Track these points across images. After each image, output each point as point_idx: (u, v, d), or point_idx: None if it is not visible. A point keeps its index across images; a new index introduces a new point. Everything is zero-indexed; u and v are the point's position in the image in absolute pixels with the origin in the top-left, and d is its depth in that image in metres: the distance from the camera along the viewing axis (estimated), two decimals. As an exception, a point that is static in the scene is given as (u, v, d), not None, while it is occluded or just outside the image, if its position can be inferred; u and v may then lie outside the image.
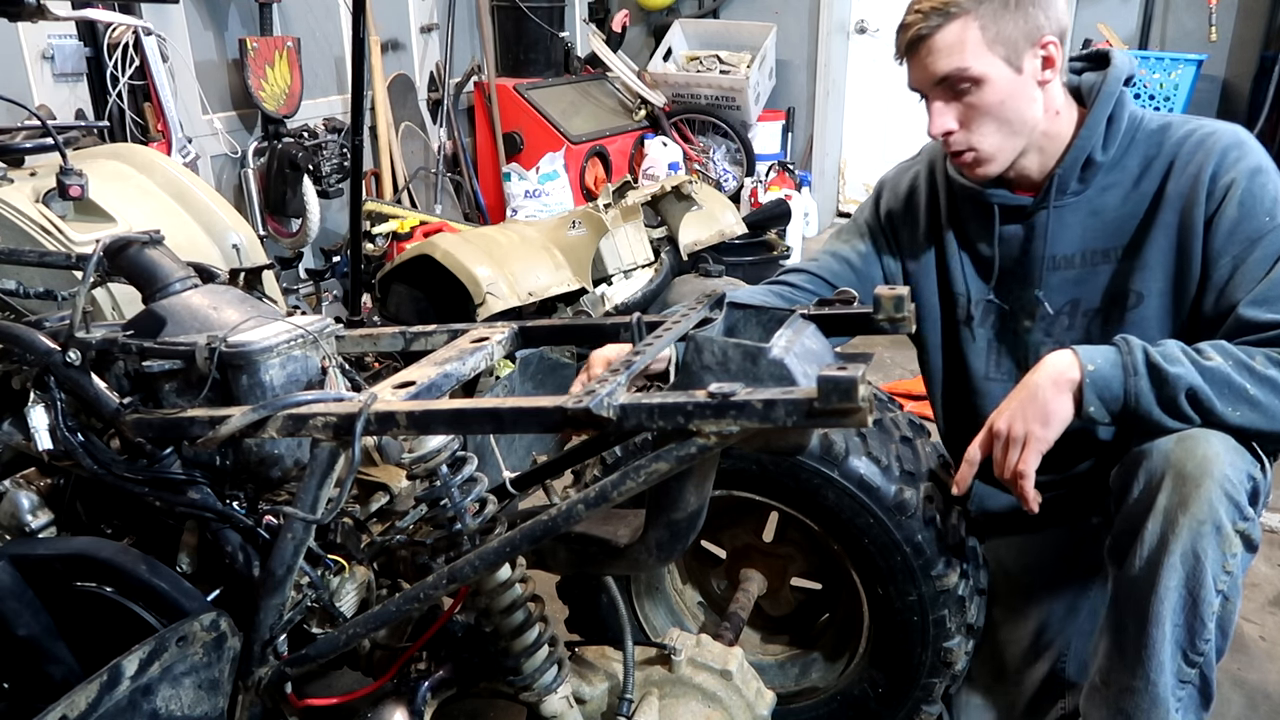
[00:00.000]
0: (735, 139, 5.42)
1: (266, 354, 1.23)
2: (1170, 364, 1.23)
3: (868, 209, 1.72)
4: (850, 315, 1.29)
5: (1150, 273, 1.43)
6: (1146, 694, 1.26)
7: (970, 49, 1.36)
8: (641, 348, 1.16)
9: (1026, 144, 1.45)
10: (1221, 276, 1.35)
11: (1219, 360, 1.24)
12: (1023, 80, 1.39)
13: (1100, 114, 1.43)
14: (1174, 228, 1.41)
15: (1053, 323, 1.53)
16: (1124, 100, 1.45)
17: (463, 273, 3.10)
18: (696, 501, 1.18)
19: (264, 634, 1.18)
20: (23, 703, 1.21)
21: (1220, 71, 4.56)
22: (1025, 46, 1.38)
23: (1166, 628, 1.23)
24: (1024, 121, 1.42)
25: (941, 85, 1.41)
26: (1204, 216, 1.37)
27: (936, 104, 1.43)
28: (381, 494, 1.45)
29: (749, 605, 1.67)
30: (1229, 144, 1.38)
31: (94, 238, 1.98)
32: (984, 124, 1.41)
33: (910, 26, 1.40)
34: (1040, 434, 1.27)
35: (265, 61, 3.73)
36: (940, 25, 1.37)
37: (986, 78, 1.38)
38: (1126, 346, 1.27)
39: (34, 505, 1.33)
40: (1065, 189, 1.47)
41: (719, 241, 4.02)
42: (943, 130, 1.43)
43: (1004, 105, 1.40)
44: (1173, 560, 1.21)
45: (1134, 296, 1.45)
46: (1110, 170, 1.46)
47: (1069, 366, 1.27)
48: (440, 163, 4.79)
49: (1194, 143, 1.40)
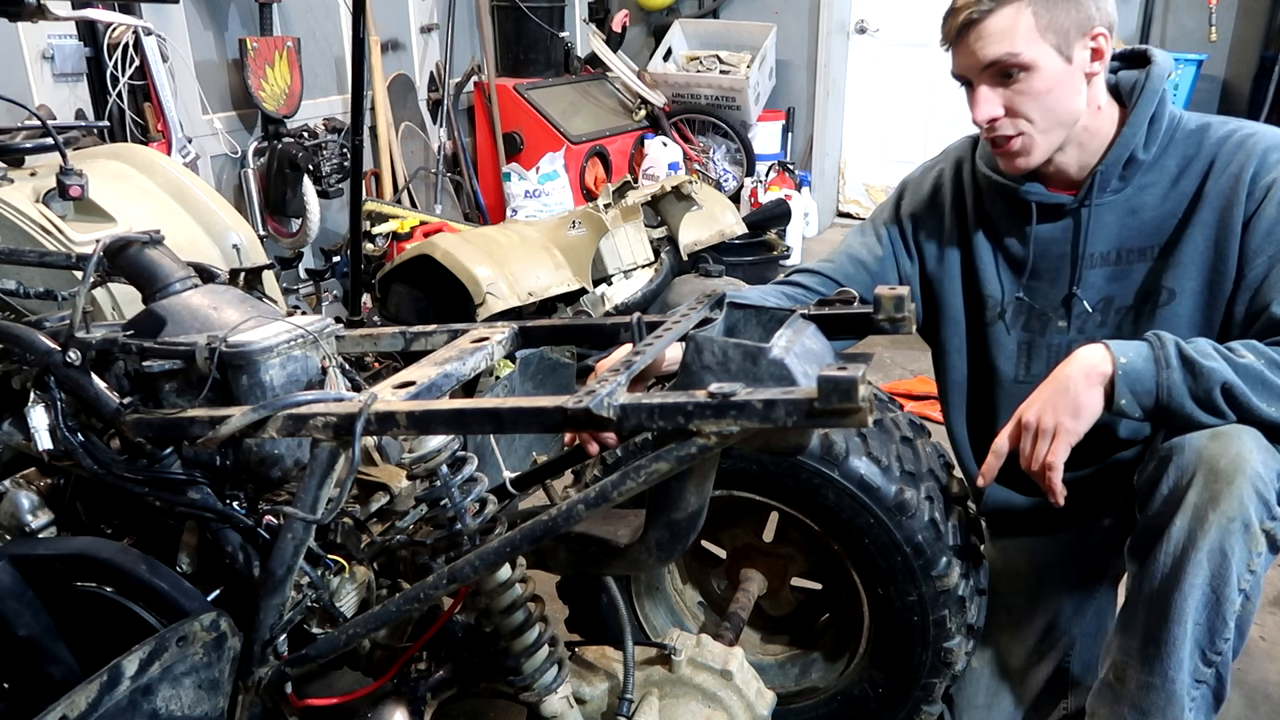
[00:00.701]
0: (735, 139, 5.42)
1: (266, 354, 1.23)
2: (1204, 358, 1.23)
3: (887, 209, 1.70)
4: (850, 315, 1.29)
5: (1185, 270, 1.43)
6: (1163, 691, 1.26)
7: (1022, 35, 1.34)
8: (641, 348, 1.16)
9: (1067, 137, 1.43)
10: (1257, 276, 1.35)
11: (1251, 358, 1.23)
12: (1071, 70, 1.38)
13: (1144, 111, 1.42)
14: (1212, 227, 1.40)
15: (1086, 320, 1.52)
16: (1165, 99, 1.44)
17: (463, 273, 3.10)
18: (696, 501, 1.18)
19: (264, 634, 1.18)
20: (23, 703, 1.21)
21: (1220, 71, 4.57)
22: (1076, 36, 1.36)
23: (1188, 625, 1.23)
24: (1069, 112, 1.40)
25: (989, 71, 1.39)
26: (1243, 217, 1.37)
27: (982, 89, 1.41)
28: (381, 494, 1.45)
29: (749, 605, 1.67)
30: (1271, 145, 1.38)
31: (94, 238, 1.98)
32: (1030, 112, 1.39)
33: (961, 10, 1.38)
34: (1071, 426, 1.26)
35: (265, 61, 3.73)
36: (993, 9, 1.35)
37: (1036, 65, 1.36)
38: (1159, 341, 1.26)
39: (34, 505, 1.33)
40: (1106, 186, 1.46)
41: (719, 241, 4.03)
42: (988, 116, 1.41)
43: (1051, 94, 1.38)
44: (1199, 557, 1.20)
45: (1166, 294, 1.45)
46: (1150, 169, 1.45)
47: (1101, 359, 1.26)
48: (440, 163, 4.79)
49: (1235, 143, 1.40)
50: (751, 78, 5.16)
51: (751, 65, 5.22)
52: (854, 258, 1.67)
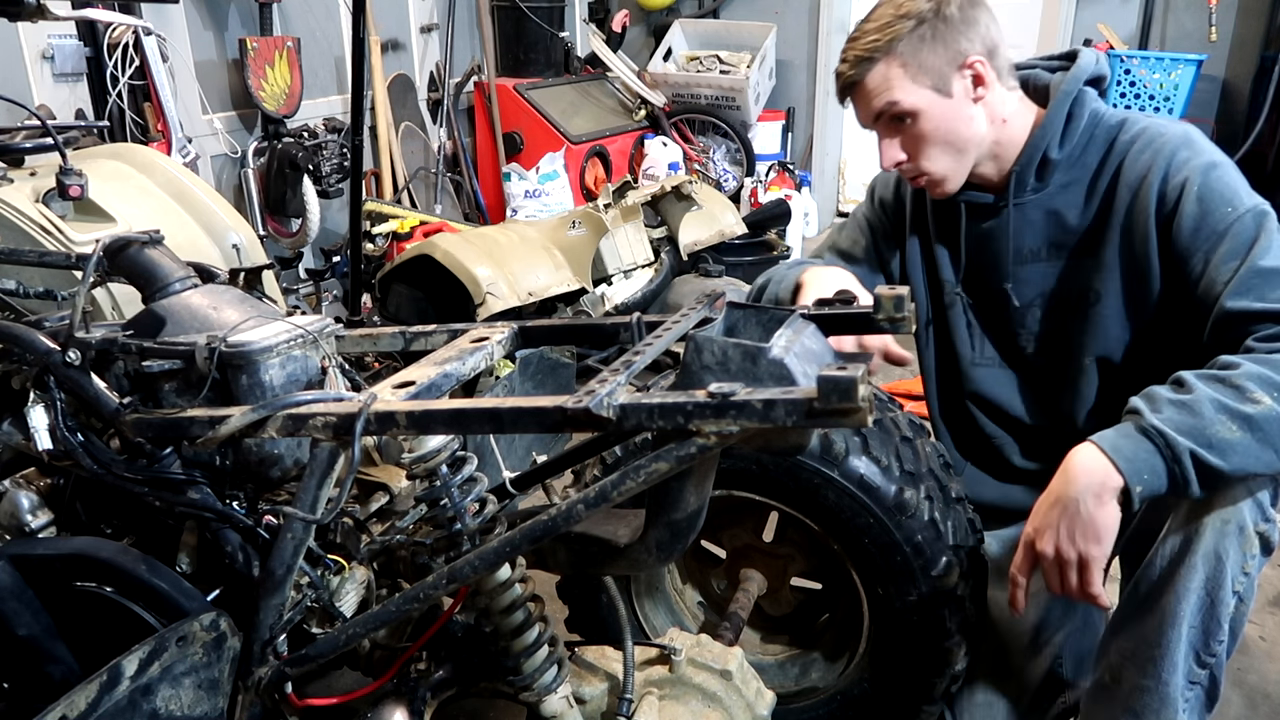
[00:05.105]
0: (735, 139, 5.42)
1: (266, 354, 1.23)
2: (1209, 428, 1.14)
3: (865, 204, 1.80)
4: (850, 315, 1.29)
5: (1107, 272, 1.46)
6: (1157, 694, 1.26)
7: (897, 85, 1.43)
8: (641, 347, 1.16)
9: (977, 156, 1.50)
10: (1196, 273, 1.35)
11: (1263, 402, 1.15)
12: (955, 103, 1.45)
13: (1056, 113, 1.47)
14: (1125, 229, 1.43)
15: (1025, 314, 1.58)
16: (1083, 99, 1.48)
17: (463, 273, 3.10)
18: (696, 501, 1.18)
19: (264, 634, 1.18)
20: (23, 703, 1.20)
21: (1220, 71, 4.56)
22: (951, 71, 1.44)
23: (1183, 629, 1.23)
24: (967, 139, 1.47)
25: (880, 122, 1.49)
26: (1155, 220, 1.39)
27: (883, 140, 1.50)
28: (381, 494, 1.45)
29: (749, 605, 1.67)
30: (1177, 145, 1.39)
31: (94, 238, 1.98)
32: (929, 150, 1.48)
33: (841, 75, 1.49)
34: (1096, 553, 1.19)
35: (265, 61, 3.73)
36: (866, 70, 1.45)
37: (918, 108, 1.44)
38: (1155, 431, 1.17)
39: (34, 505, 1.33)
40: (1025, 187, 1.52)
41: (719, 241, 4.03)
42: (893, 162, 1.50)
43: (942, 130, 1.46)
44: (1194, 560, 1.20)
45: (1094, 294, 1.49)
46: (1070, 168, 1.49)
47: (1105, 473, 1.17)
48: (440, 163, 4.79)
49: (1142, 143, 1.42)
50: (751, 78, 5.15)
51: (751, 65, 5.22)
52: (842, 251, 1.77)
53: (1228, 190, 1.34)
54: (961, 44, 1.43)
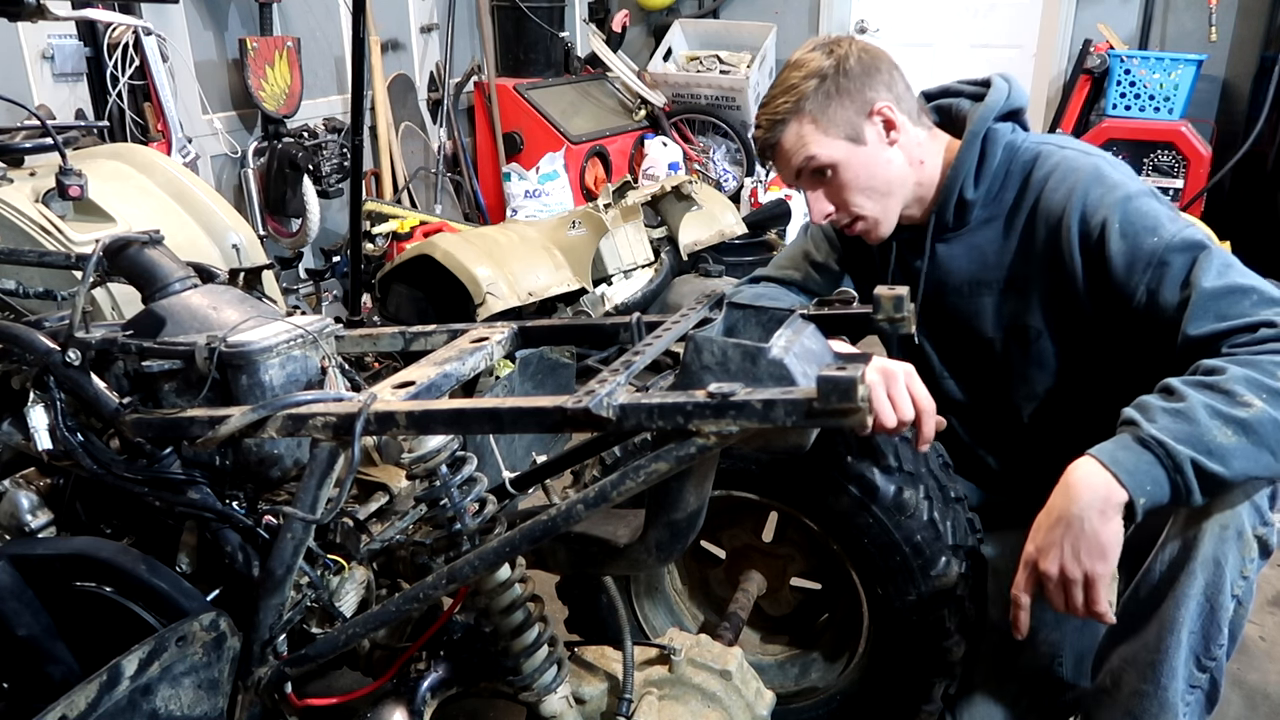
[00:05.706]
0: (735, 139, 5.42)
1: (266, 354, 1.23)
2: (1209, 437, 1.13)
3: (801, 237, 1.81)
4: (849, 315, 1.29)
5: (1037, 311, 1.48)
6: (1157, 699, 1.26)
7: (811, 141, 1.46)
8: (641, 347, 1.16)
9: (904, 198, 1.52)
10: (1142, 305, 1.33)
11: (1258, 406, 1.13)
12: (870, 149, 1.47)
13: (967, 153, 1.49)
14: (1047, 267, 1.44)
15: (970, 346, 1.58)
16: (994, 136, 1.49)
17: (463, 273, 3.11)
18: (696, 501, 1.18)
19: (264, 634, 1.18)
20: (23, 703, 1.21)
21: (1220, 71, 4.56)
22: (861, 120, 1.46)
23: (1183, 634, 1.22)
24: (889, 181, 1.49)
25: (803, 177, 1.51)
26: (1080, 257, 1.39)
27: (809, 194, 1.53)
28: (381, 494, 1.45)
29: (749, 605, 1.67)
30: (1089, 182, 1.39)
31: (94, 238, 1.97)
32: (855, 198, 1.50)
33: (758, 140, 1.53)
34: (1102, 570, 1.17)
35: (265, 61, 3.73)
36: (780, 132, 1.48)
37: (835, 159, 1.47)
38: (1163, 452, 1.14)
39: (34, 505, 1.33)
40: (945, 227, 1.54)
41: (719, 241, 4.03)
42: (822, 214, 1.53)
43: (863, 176, 1.48)
44: (1193, 566, 1.20)
45: (1032, 331, 1.50)
46: (988, 204, 1.51)
47: (1109, 488, 1.15)
48: (440, 163, 4.79)
49: (1056, 180, 1.43)
50: (751, 78, 5.15)
51: (751, 65, 5.22)
52: (780, 280, 1.76)
53: (1149, 219, 1.34)
54: (866, 93, 1.46)
